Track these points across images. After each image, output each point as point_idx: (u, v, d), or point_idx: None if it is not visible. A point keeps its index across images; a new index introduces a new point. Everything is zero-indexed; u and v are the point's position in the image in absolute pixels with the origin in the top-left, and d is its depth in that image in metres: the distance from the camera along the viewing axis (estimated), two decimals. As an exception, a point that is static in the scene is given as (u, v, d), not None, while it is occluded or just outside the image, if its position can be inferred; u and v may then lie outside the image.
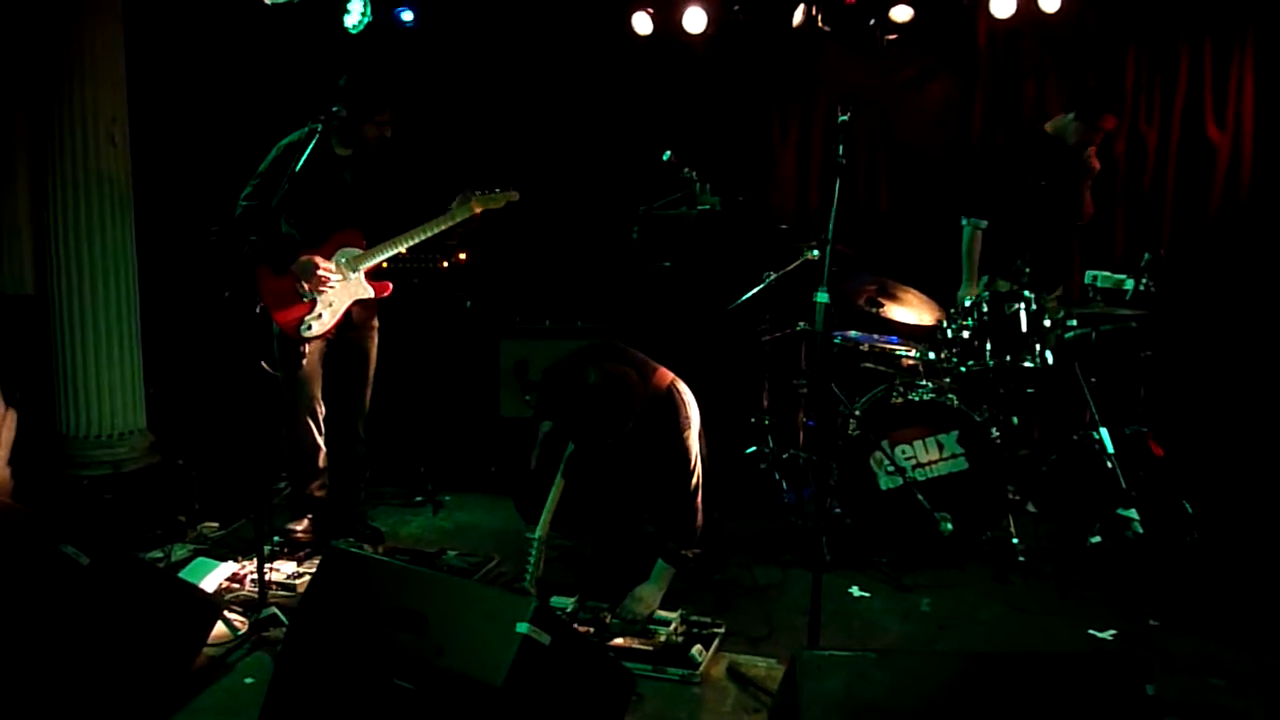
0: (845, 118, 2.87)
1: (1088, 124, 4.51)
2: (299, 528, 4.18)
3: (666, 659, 3.07)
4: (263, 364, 3.90)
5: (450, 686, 2.28)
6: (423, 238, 4.07)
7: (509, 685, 2.21)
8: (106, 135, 4.27)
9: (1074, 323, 4.26)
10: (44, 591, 2.74)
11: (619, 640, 3.20)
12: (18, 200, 4.27)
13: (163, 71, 4.87)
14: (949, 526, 3.93)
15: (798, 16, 5.29)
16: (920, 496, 3.97)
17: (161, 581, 3.12)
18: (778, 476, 4.73)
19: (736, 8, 5.44)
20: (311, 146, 3.66)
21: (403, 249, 4.08)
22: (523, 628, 2.27)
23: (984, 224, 4.68)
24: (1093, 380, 4.21)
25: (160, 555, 3.97)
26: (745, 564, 3.99)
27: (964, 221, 4.74)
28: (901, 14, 5.21)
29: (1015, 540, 4.01)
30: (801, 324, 4.70)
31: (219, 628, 3.20)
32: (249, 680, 3.04)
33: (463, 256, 5.26)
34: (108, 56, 4.28)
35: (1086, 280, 4.50)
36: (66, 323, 4.29)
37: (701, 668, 3.05)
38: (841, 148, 2.87)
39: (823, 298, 2.82)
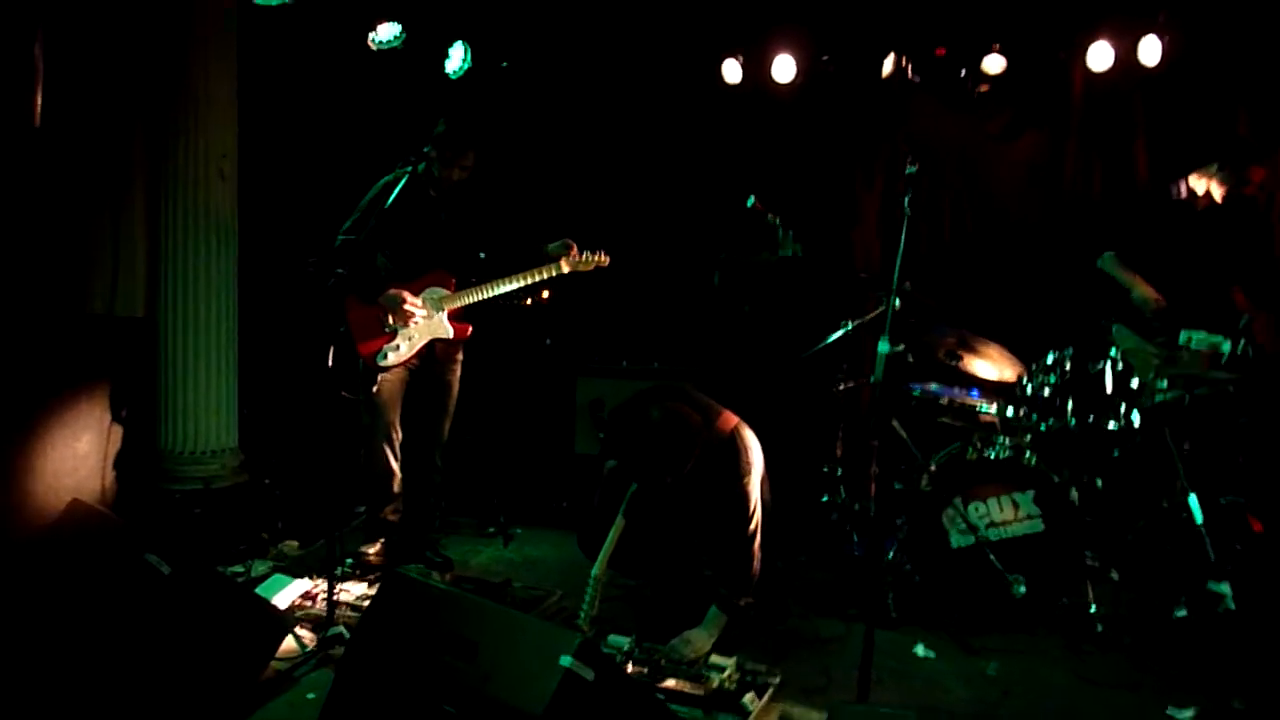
0: (914, 169, 2.88)
1: (1235, 174, 4.27)
2: (371, 550, 4.30)
3: (718, 704, 3.05)
4: (338, 387, 4.04)
5: (493, 713, 2.33)
6: (508, 288, 4.20)
7: (548, 716, 2.24)
8: (217, 170, 4.54)
9: (1164, 384, 4.10)
10: (125, 597, 2.89)
11: (671, 682, 3.19)
12: (134, 228, 4.56)
13: (271, 109, 5.15)
14: (1021, 589, 3.80)
15: (887, 66, 5.30)
16: (993, 556, 3.86)
17: (236, 594, 3.26)
18: (848, 528, 4.65)
19: (826, 58, 5.47)
20: (401, 185, 3.84)
21: (487, 295, 4.21)
22: (566, 661, 2.30)
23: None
24: (1185, 446, 4.03)
25: (241, 570, 4.14)
26: (808, 615, 3.93)
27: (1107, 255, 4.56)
28: (994, 65, 5.16)
29: (1093, 608, 3.85)
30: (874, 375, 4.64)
31: (288, 642, 3.32)
32: (311, 695, 3.13)
33: (545, 295, 5.38)
34: (221, 93, 4.56)
35: (1181, 341, 4.33)
36: (171, 345, 4.54)
37: (752, 716, 3.02)
38: (908, 199, 2.86)
39: (884, 347, 2.81)
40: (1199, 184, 4.42)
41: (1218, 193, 4.36)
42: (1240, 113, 4.97)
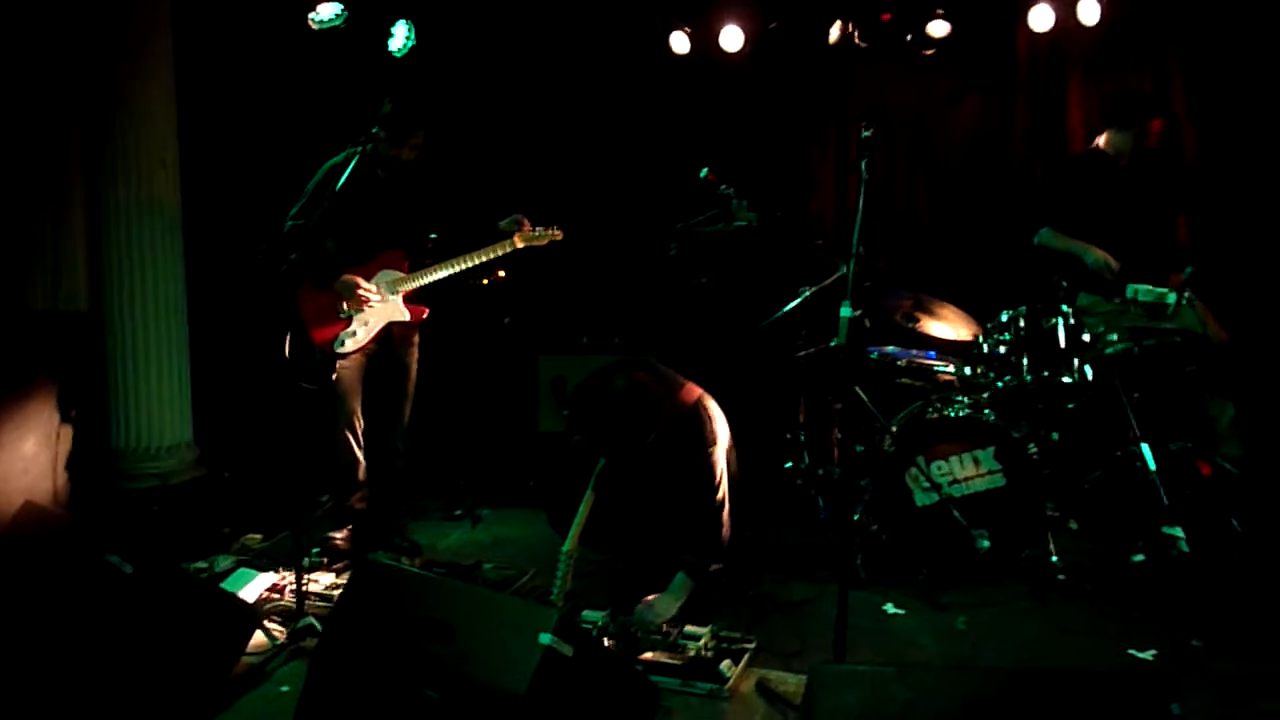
0: (868, 133, 2.88)
1: (1135, 132, 4.47)
2: (338, 538, 4.25)
3: (695, 673, 3.07)
4: (296, 376, 3.98)
5: (474, 695, 2.32)
6: (463, 268, 4.15)
7: (531, 695, 2.24)
8: (158, 159, 4.43)
9: (1114, 337, 4.19)
10: (88, 599, 2.83)
11: (648, 654, 3.20)
12: (74, 221, 4.44)
13: (212, 95, 5.03)
14: (986, 544, 3.87)
15: (834, 33, 5.31)
16: (957, 513, 3.92)
17: (202, 591, 3.21)
18: (814, 492, 4.70)
19: (773, 25, 5.47)
20: (351, 167, 3.76)
21: (442, 275, 4.16)
22: (545, 638, 2.30)
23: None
24: (1135, 396, 4.13)
25: (205, 565, 4.07)
26: (780, 580, 3.97)
27: (1044, 231, 4.68)
28: (939, 29, 5.20)
29: (1055, 558, 3.94)
30: (836, 339, 4.68)
31: (258, 637, 3.27)
32: (285, 689, 3.09)
33: (501, 274, 5.35)
34: (159, 82, 4.45)
35: (1128, 294, 4.43)
36: (119, 340, 4.44)
37: (730, 683, 3.04)
38: (865, 163, 2.87)
39: (846, 311, 2.82)
40: (1107, 145, 4.55)
41: (1124, 150, 4.49)
42: (1173, 65, 5.08)
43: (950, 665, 3.19)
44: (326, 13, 5.09)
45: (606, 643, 3.27)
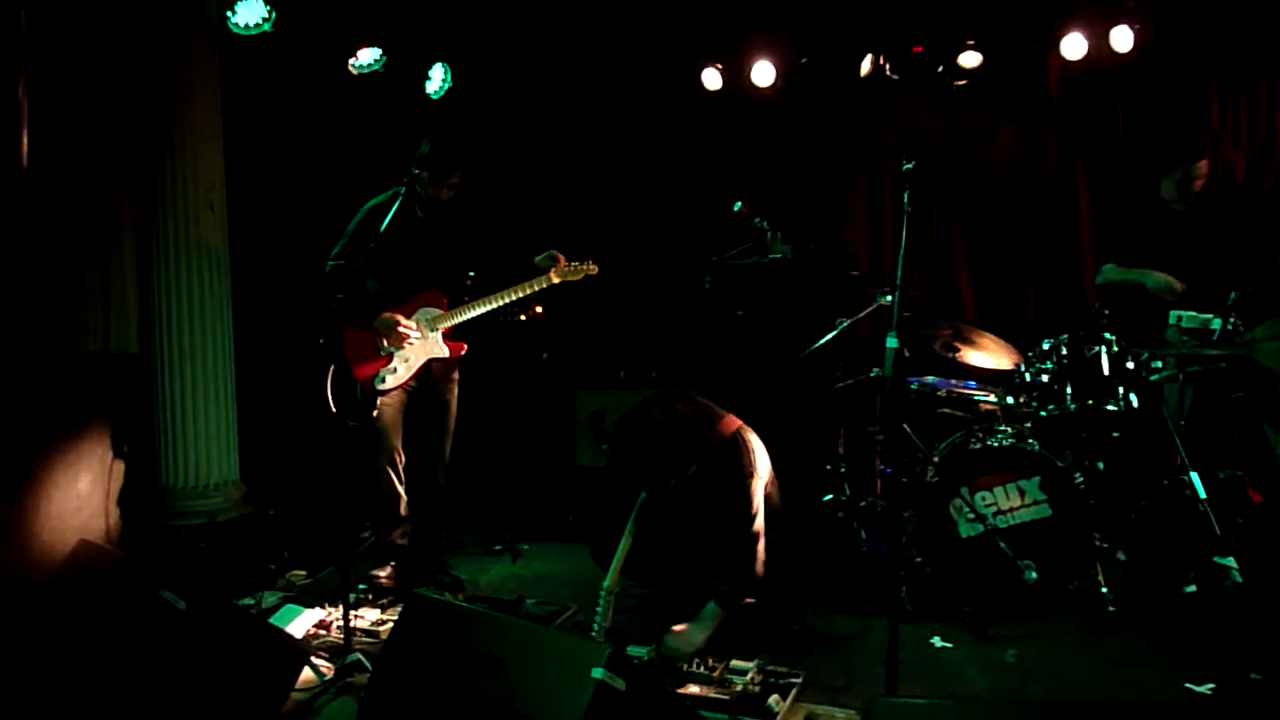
0: (910, 165, 2.90)
1: (1179, 178, 4.41)
2: (382, 574, 4.28)
3: (742, 709, 3.05)
4: (339, 414, 4.02)
5: (527, 731, 2.32)
6: (500, 304, 4.20)
7: (584, 729, 2.24)
8: (206, 203, 4.53)
9: (1159, 364, 4.15)
10: (144, 634, 2.87)
11: (694, 689, 3.19)
12: (124, 264, 4.54)
13: (257, 138, 5.15)
14: (1033, 575, 3.83)
15: (865, 66, 5.36)
16: (1002, 544, 3.88)
17: (252, 627, 3.23)
18: (856, 525, 4.67)
19: (804, 60, 5.53)
20: (396, 208, 3.84)
21: (480, 312, 4.21)
22: (598, 673, 2.30)
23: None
24: (1182, 424, 4.08)
25: (251, 601, 4.10)
26: (824, 614, 3.94)
27: (1106, 268, 4.64)
28: (970, 60, 5.23)
29: (1104, 589, 3.88)
30: (875, 370, 4.68)
31: (305, 673, 3.28)
32: (334, 725, 3.11)
33: (539, 310, 5.40)
34: (207, 127, 4.56)
35: (1172, 320, 4.39)
36: (167, 380, 4.52)
37: (778, 718, 3.02)
38: (907, 195, 2.89)
39: (892, 342, 2.82)
40: (1164, 191, 4.50)
41: (1173, 196, 4.44)
42: (1211, 92, 5.06)
43: (1006, 698, 3.14)
44: (366, 58, 5.23)
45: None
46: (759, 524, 3.49)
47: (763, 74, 5.49)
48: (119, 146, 4.48)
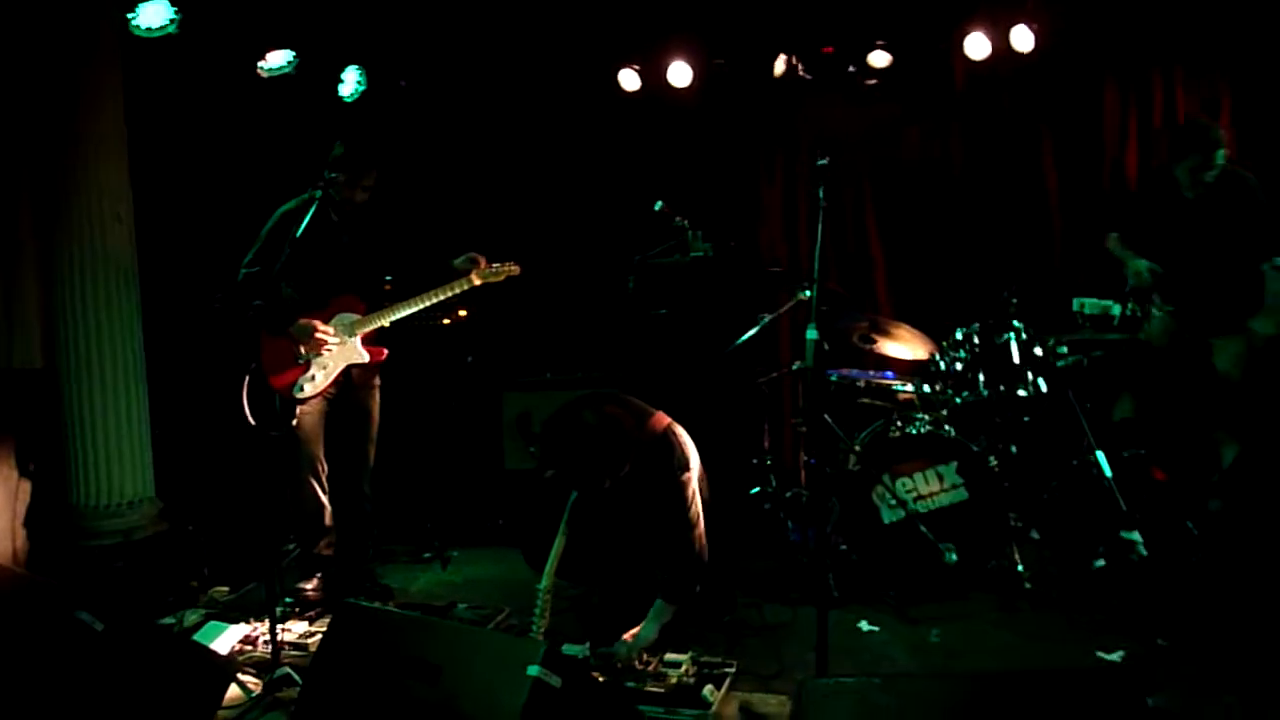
0: (824, 161, 2.98)
1: (1190, 165, 4.31)
2: (309, 586, 4.20)
3: (679, 700, 3.09)
4: (256, 424, 3.94)
5: (464, 733, 2.32)
6: (421, 307, 4.16)
7: (522, 728, 2.25)
8: (112, 213, 4.38)
9: (1064, 349, 4.33)
10: (60, 658, 2.77)
11: (631, 683, 3.21)
12: (25, 277, 4.36)
13: (164, 145, 5.00)
14: (953, 557, 3.96)
15: (779, 66, 5.46)
16: (923, 528, 4.00)
17: (175, 645, 3.16)
18: (782, 515, 4.76)
19: (719, 61, 5.61)
20: (312, 212, 3.77)
21: (399, 315, 4.16)
22: (534, 670, 2.31)
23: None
24: (1088, 406, 4.26)
25: (173, 621, 3.99)
26: (754, 604, 4.01)
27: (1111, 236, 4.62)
28: (879, 59, 5.37)
29: (1020, 568, 4.03)
30: (797, 363, 4.77)
31: (233, 690, 3.21)
32: (264, 741, 3.06)
33: (463, 313, 5.36)
34: (110, 136, 4.40)
35: (1075, 307, 4.58)
36: (75, 395, 4.35)
37: (714, 708, 3.07)
38: (822, 190, 2.96)
39: (812, 334, 2.90)
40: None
41: (1185, 182, 4.38)
42: (1107, 90, 5.30)
43: (936, 673, 3.25)
44: (277, 60, 5.12)
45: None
46: (695, 512, 3.53)
47: (679, 74, 5.55)
48: (16, 156, 4.30)
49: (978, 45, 5.19)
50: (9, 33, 4.23)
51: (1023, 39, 5.11)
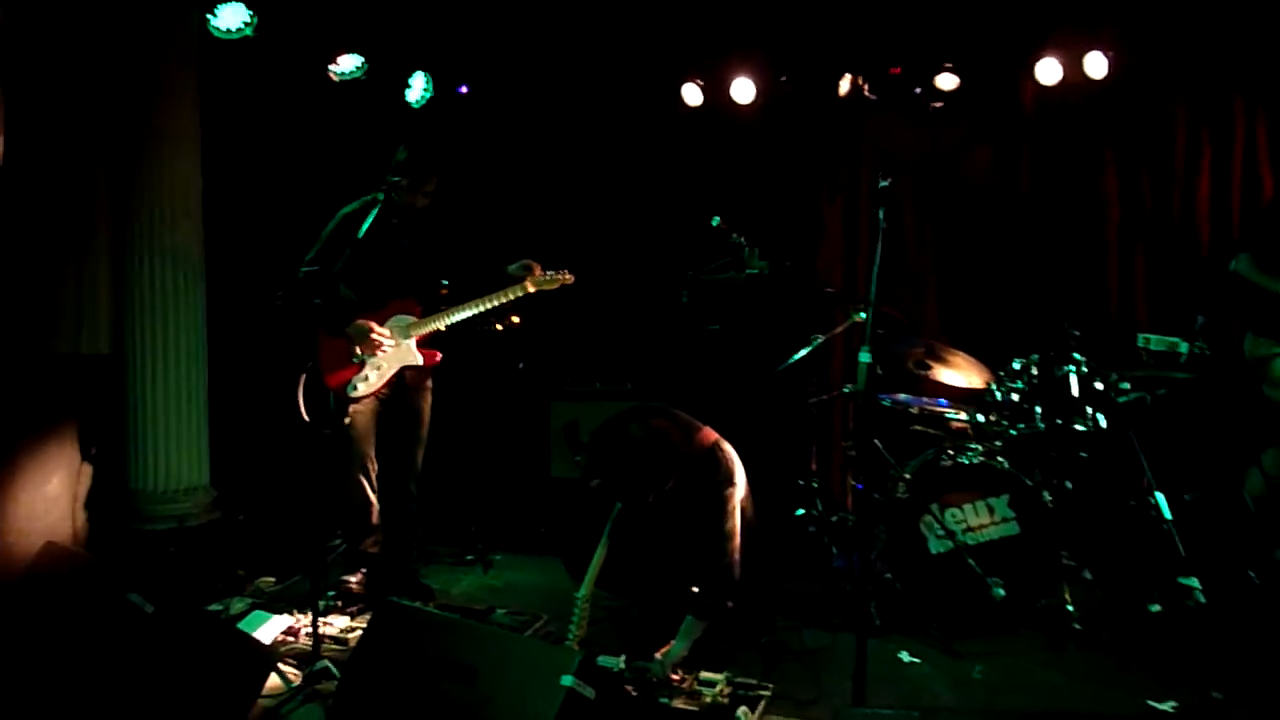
0: (886, 183, 2.95)
1: None
2: (353, 581, 4.25)
3: (712, 720, 3.06)
4: (309, 420, 4.00)
5: (496, 738, 2.32)
6: (475, 312, 4.19)
7: (553, 737, 2.24)
8: (183, 208, 4.52)
9: (1127, 386, 4.22)
10: (110, 636, 2.84)
11: (664, 699, 3.19)
12: (98, 266, 4.51)
13: (235, 144, 5.13)
14: (1001, 592, 3.86)
15: (844, 86, 5.42)
16: (971, 561, 3.91)
17: (221, 632, 3.22)
18: (826, 540, 4.70)
19: (784, 79, 5.59)
20: (374, 215, 3.84)
21: (454, 320, 4.21)
22: (568, 680, 2.31)
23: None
24: (1149, 445, 4.15)
25: (220, 607, 4.07)
26: (794, 627, 3.96)
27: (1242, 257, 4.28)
28: (947, 82, 5.30)
29: (1070, 607, 3.92)
30: (848, 387, 4.72)
31: (273, 680, 3.26)
32: (300, 731, 3.09)
33: (516, 320, 5.41)
34: (184, 133, 4.55)
35: (1139, 343, 4.47)
36: (139, 383, 4.49)
37: (748, 730, 3.03)
38: (882, 212, 2.93)
39: (865, 357, 2.86)
40: None
41: None
42: (1180, 119, 5.17)
43: (977, 710, 3.17)
44: (347, 65, 5.24)
45: (624, 689, 3.25)
46: (733, 525, 3.49)
47: (742, 91, 5.55)
48: (95, 148, 4.45)
49: (1050, 70, 5.10)
50: (91, 28, 4.38)
51: (1096, 65, 5.01)
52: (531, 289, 4.21)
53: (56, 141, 4.28)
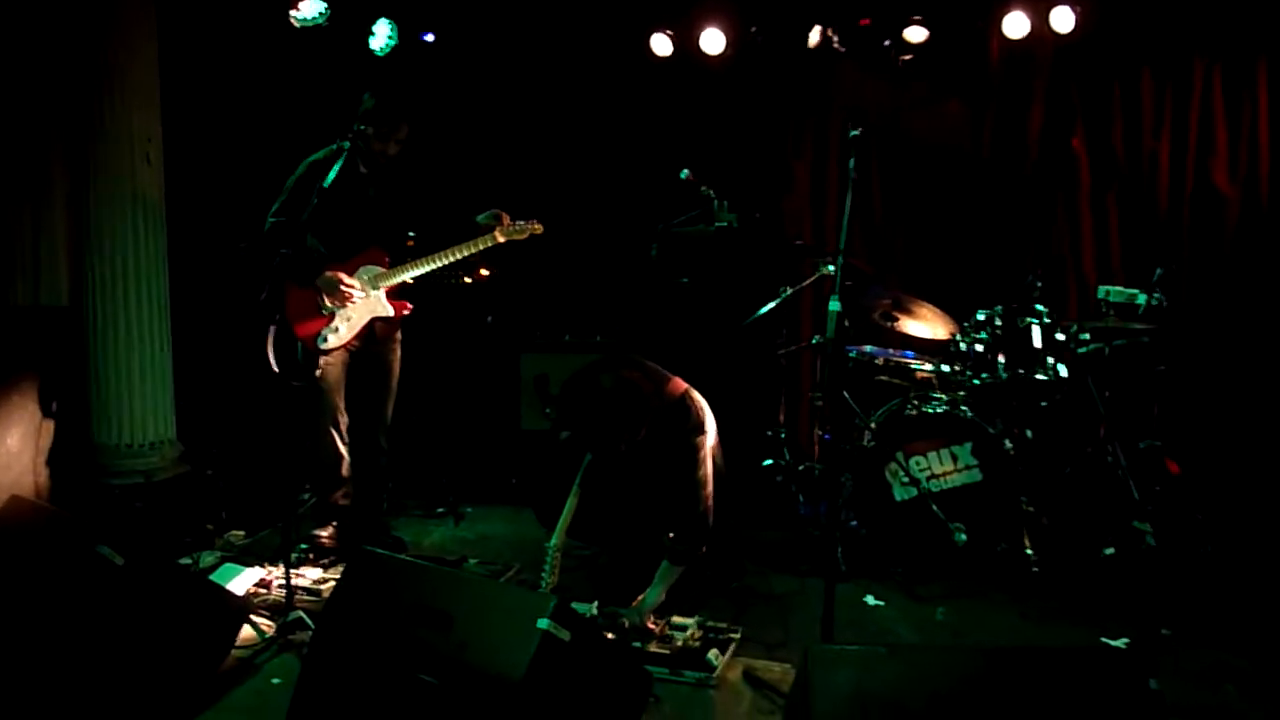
0: (857, 132, 2.96)
1: None
2: (324, 534, 4.26)
3: (684, 662, 3.13)
4: (279, 372, 3.97)
5: (473, 681, 2.35)
6: (445, 263, 4.16)
7: (529, 680, 2.28)
8: (141, 154, 4.42)
9: (1087, 336, 4.31)
10: (80, 590, 2.83)
11: (636, 644, 3.26)
12: (55, 215, 4.40)
13: (194, 90, 5.02)
14: (963, 537, 3.97)
15: (814, 37, 5.39)
16: (935, 507, 4.01)
17: (193, 584, 3.22)
18: (794, 489, 4.78)
19: (754, 29, 5.54)
20: (340, 164, 3.78)
21: (424, 270, 4.18)
22: (543, 623, 2.34)
23: None
24: (1106, 394, 4.25)
25: (189, 562, 4.07)
26: (762, 573, 4.05)
27: None
28: (916, 35, 5.29)
29: (1029, 551, 4.04)
30: (817, 337, 4.77)
31: (246, 631, 3.28)
32: (276, 681, 3.11)
33: (484, 272, 5.38)
34: (143, 77, 4.43)
35: (1100, 295, 4.56)
36: (100, 335, 4.41)
37: (718, 671, 3.11)
38: (853, 162, 2.95)
39: (835, 306, 2.89)
40: None
41: None
42: (1145, 78, 5.21)
43: (942, 645, 3.28)
44: (308, 11, 5.11)
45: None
46: (705, 472, 3.54)
47: (712, 41, 5.49)
48: (50, 91, 4.33)
49: (1017, 24, 5.10)
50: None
51: (1063, 20, 5.02)
52: (501, 239, 4.18)
53: (6, 84, 4.15)
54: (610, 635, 3.31)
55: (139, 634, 2.83)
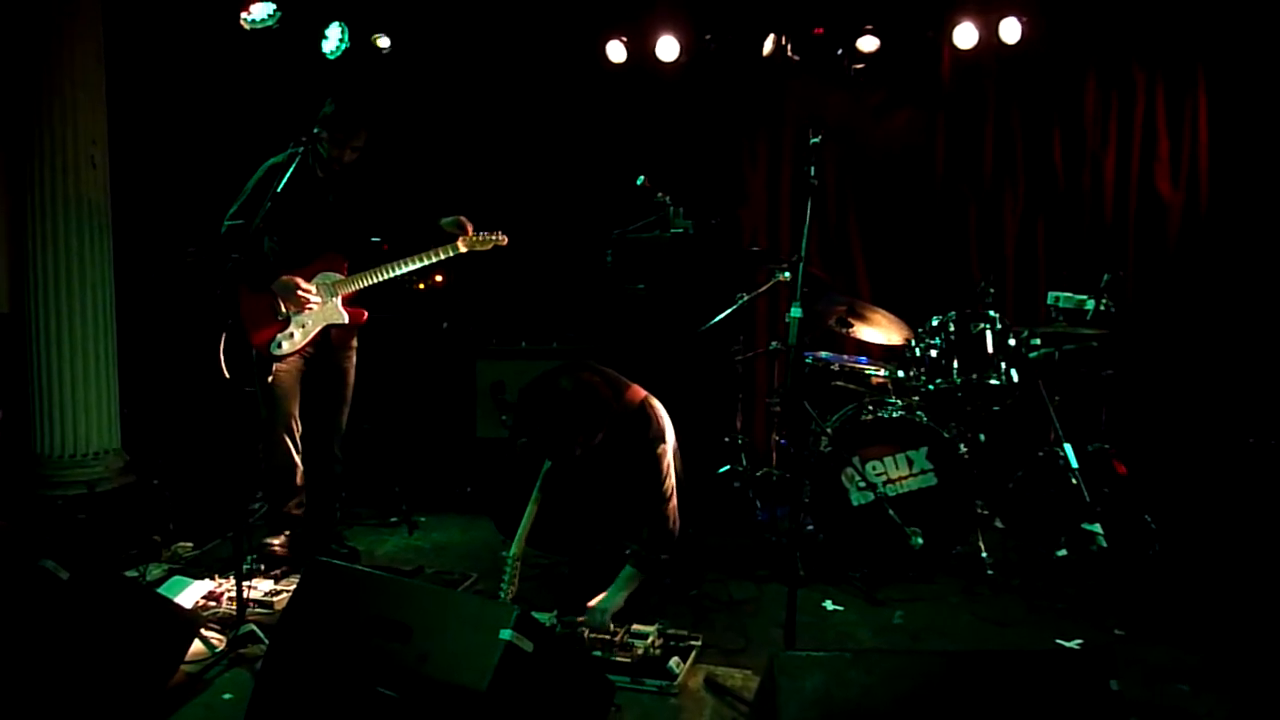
0: (817, 139, 2.98)
1: None
2: (276, 542, 4.17)
3: (645, 671, 3.11)
4: (230, 378, 3.88)
5: (435, 694, 2.32)
6: (404, 270, 4.12)
7: (492, 691, 2.25)
8: (86, 157, 4.30)
9: (1038, 341, 4.39)
10: (23, 605, 2.73)
11: (597, 653, 3.23)
12: (-7, 219, 4.28)
13: (142, 93, 4.90)
14: (919, 541, 4.01)
15: (767, 46, 5.44)
16: (891, 511, 4.04)
17: (140, 597, 3.11)
18: (751, 494, 4.79)
19: (708, 37, 5.58)
20: (293, 168, 3.72)
21: (383, 278, 4.12)
22: (506, 634, 2.31)
23: None
24: (1057, 399, 4.33)
25: (135, 575, 3.95)
26: (721, 580, 4.04)
27: None
28: (868, 44, 5.37)
29: (984, 554, 4.10)
30: (774, 344, 4.80)
31: (196, 645, 3.20)
32: (227, 696, 3.04)
33: (439, 279, 5.33)
34: (88, 78, 4.32)
35: (1050, 300, 4.64)
36: (42, 342, 4.29)
37: (679, 679, 3.10)
38: (813, 169, 2.96)
39: (796, 312, 2.91)
40: None
41: None
42: (1090, 85, 5.33)
43: (906, 650, 3.30)
44: (259, 13, 5.03)
45: (557, 642, 3.28)
46: (671, 487, 3.55)
47: (667, 49, 5.51)
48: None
49: (966, 35, 5.20)
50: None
51: (1010, 30, 5.13)
52: (464, 249, 4.16)
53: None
54: (570, 645, 3.28)
55: (85, 650, 2.75)
